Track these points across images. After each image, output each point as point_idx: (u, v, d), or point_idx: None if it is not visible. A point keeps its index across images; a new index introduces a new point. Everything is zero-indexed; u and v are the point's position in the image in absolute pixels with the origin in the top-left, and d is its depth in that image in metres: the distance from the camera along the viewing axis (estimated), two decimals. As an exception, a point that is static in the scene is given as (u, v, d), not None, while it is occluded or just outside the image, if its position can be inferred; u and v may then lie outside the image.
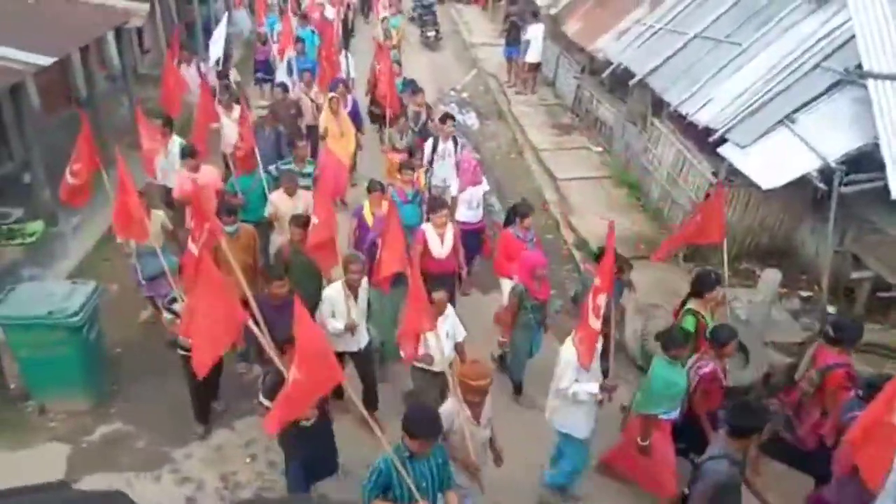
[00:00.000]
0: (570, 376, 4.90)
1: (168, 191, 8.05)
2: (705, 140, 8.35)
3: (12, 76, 7.42)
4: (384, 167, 9.56)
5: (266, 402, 4.56)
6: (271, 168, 8.04)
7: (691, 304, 5.67)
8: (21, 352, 6.03)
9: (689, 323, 5.54)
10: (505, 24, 16.88)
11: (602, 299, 4.74)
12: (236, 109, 9.23)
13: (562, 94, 14.79)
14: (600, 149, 12.23)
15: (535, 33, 14.52)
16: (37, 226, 8.71)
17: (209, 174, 7.71)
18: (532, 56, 14.76)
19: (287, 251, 6.34)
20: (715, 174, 8.33)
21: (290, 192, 7.16)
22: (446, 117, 8.83)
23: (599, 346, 4.96)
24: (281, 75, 12.24)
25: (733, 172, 8.01)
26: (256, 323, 4.24)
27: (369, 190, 7.04)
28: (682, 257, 8.67)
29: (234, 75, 11.60)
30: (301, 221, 6.28)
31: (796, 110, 7.48)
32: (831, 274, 7.44)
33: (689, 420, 5.14)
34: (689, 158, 8.88)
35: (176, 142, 8.28)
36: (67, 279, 7.41)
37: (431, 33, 19.85)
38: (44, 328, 5.83)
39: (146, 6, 10.44)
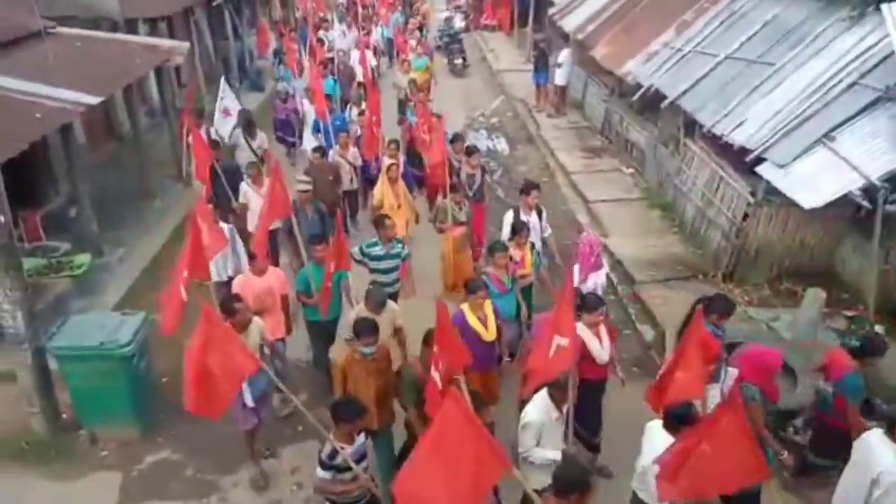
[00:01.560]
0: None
1: (227, 290, 6.35)
2: (741, 160, 8.32)
3: (64, 115, 7.72)
4: (445, 245, 7.45)
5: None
6: (354, 251, 6.84)
7: None
8: (74, 382, 6.19)
9: None
10: (534, 51, 17.06)
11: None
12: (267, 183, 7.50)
13: (591, 117, 14.85)
14: (631, 170, 12.23)
15: (564, 57, 14.69)
16: (84, 258, 8.95)
17: (275, 277, 6.50)
18: (560, 79, 14.91)
19: (420, 370, 5.22)
20: (753, 193, 8.28)
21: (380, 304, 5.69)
22: (530, 187, 7.49)
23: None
24: (309, 137, 11.09)
25: (771, 192, 7.97)
26: None
27: (470, 290, 5.67)
28: (722, 277, 8.59)
29: (260, 140, 10.19)
30: (429, 339, 5.02)
31: (835, 129, 7.42)
32: (877, 293, 7.31)
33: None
34: (725, 178, 8.84)
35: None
36: (114, 310, 7.62)
37: (459, 61, 20.14)
38: (96, 359, 5.99)
39: (186, 45, 10.79)
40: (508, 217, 7.29)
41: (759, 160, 7.92)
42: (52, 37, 8.86)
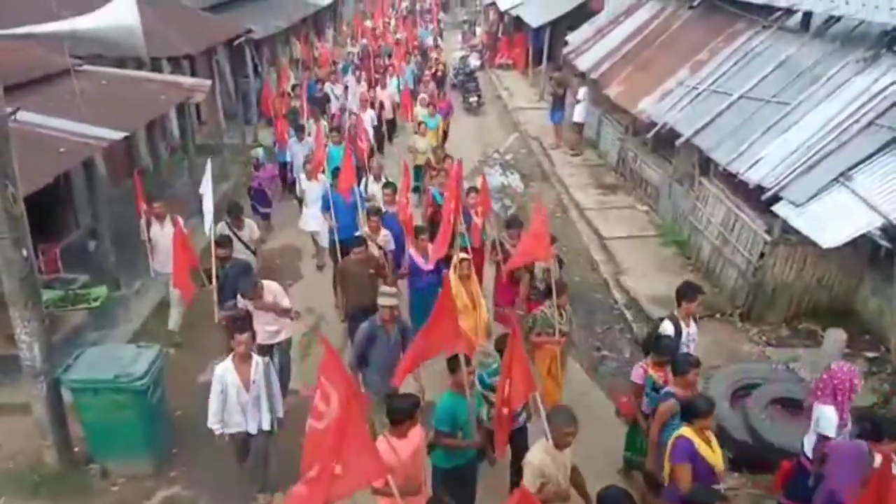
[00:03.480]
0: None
1: None
2: (757, 198, 8.31)
3: (87, 150, 7.90)
4: (540, 364, 6.49)
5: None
6: (479, 388, 5.43)
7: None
8: (87, 415, 6.17)
9: None
10: (551, 89, 17.24)
11: None
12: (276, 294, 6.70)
13: (605, 154, 14.94)
14: (646, 208, 12.24)
15: (583, 95, 14.87)
16: (101, 290, 9.02)
17: None
18: (579, 116, 15.07)
19: None
20: (769, 232, 8.25)
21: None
22: (694, 291, 6.08)
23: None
24: (312, 217, 9.76)
25: (788, 230, 7.93)
26: None
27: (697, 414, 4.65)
28: (739, 316, 8.51)
29: (249, 230, 8.50)
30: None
31: (851, 168, 7.41)
32: (899, 334, 7.21)
33: None
34: (741, 216, 8.81)
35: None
36: (129, 342, 7.67)
37: (474, 99, 20.42)
38: (110, 392, 5.99)
39: (208, 82, 11.05)
40: (667, 328, 5.97)
41: (775, 199, 7.90)
42: (80, 74, 9.09)
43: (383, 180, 9.76)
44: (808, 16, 10.23)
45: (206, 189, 7.87)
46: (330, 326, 8.53)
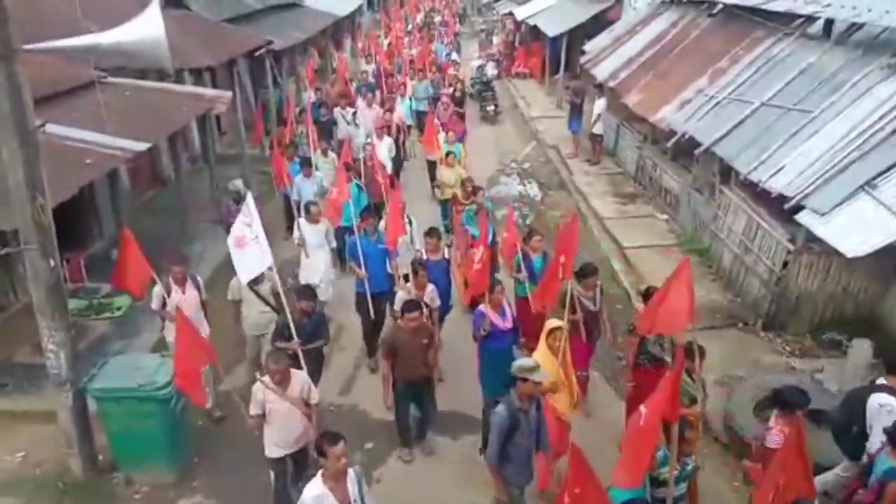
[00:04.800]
0: None
1: None
2: (779, 207, 8.23)
3: (112, 161, 8.01)
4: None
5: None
6: None
7: None
8: (111, 423, 6.23)
9: None
10: (567, 98, 17.22)
11: None
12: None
13: (623, 163, 14.88)
14: (666, 217, 12.16)
15: (601, 107, 14.83)
16: (123, 300, 9.12)
17: None
18: (598, 128, 15.04)
19: None
20: (792, 241, 8.16)
21: None
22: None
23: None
24: (314, 268, 8.56)
25: (811, 239, 7.84)
26: None
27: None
28: (762, 326, 8.41)
29: (271, 282, 7.00)
30: None
31: (876, 177, 7.33)
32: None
33: None
34: (763, 226, 8.73)
35: None
36: (152, 351, 7.74)
37: (491, 108, 20.44)
38: (134, 401, 6.04)
39: (229, 93, 11.16)
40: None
41: (798, 208, 7.82)
42: (104, 86, 9.23)
43: (408, 222, 8.69)
44: (829, 23, 10.13)
45: (255, 228, 6.00)
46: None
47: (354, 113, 13.97)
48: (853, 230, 7.04)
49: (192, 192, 12.15)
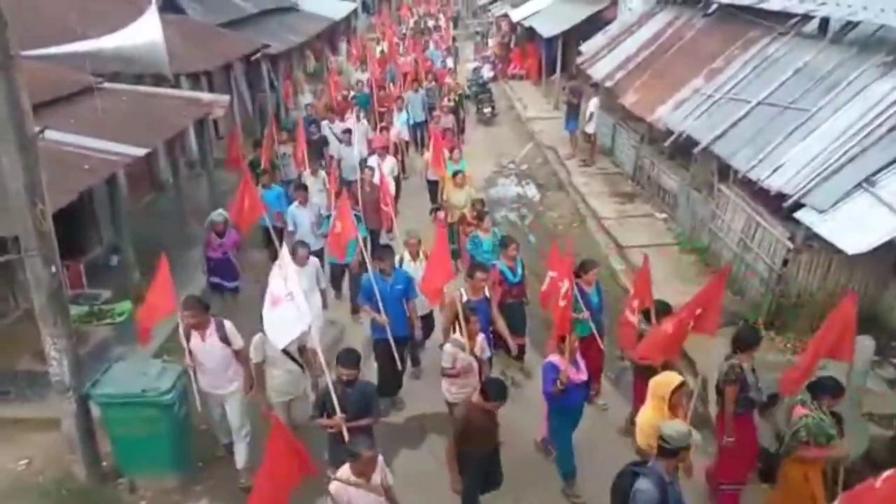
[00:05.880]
0: None
1: None
2: (778, 205, 8.25)
3: (111, 167, 8.01)
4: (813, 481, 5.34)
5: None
6: None
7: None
8: (115, 429, 6.23)
9: None
10: (564, 98, 17.24)
11: None
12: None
13: (621, 163, 14.91)
14: (664, 216, 12.19)
15: (594, 106, 14.87)
16: (125, 306, 9.12)
17: None
18: (591, 127, 15.06)
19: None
20: (791, 239, 8.18)
21: None
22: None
23: None
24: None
25: (811, 237, 7.86)
26: None
27: None
28: (763, 324, 8.41)
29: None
30: None
31: (874, 173, 7.35)
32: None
33: None
34: (762, 224, 8.75)
35: None
36: (153, 357, 7.72)
37: (487, 109, 20.48)
38: (137, 406, 6.04)
39: (227, 97, 11.17)
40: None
41: (797, 205, 7.84)
42: (102, 92, 9.23)
43: (422, 259, 7.77)
44: (825, 21, 10.16)
45: (291, 282, 5.31)
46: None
47: (347, 131, 12.76)
48: (853, 227, 7.06)
49: (191, 198, 12.14)
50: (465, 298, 6.68)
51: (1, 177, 5.45)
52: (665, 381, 5.24)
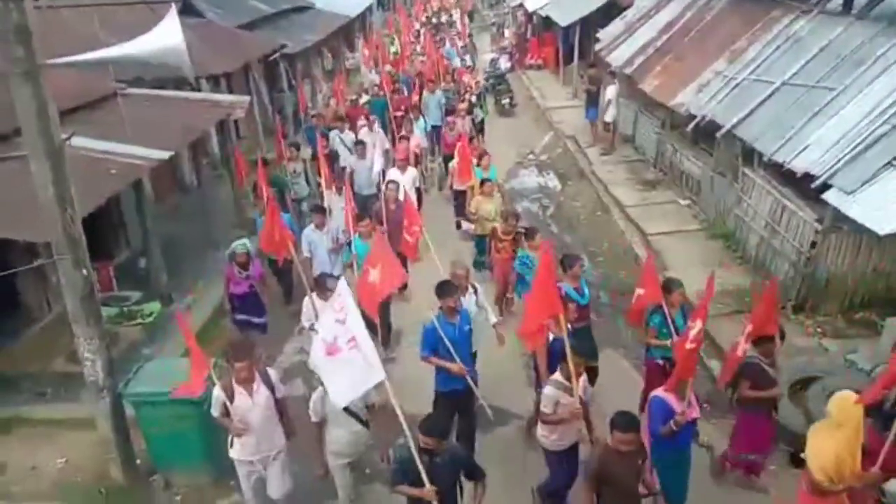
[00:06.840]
0: None
1: None
2: (805, 187, 8.12)
3: (137, 171, 8.14)
4: None
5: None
6: None
7: None
8: (149, 427, 6.36)
9: None
10: (583, 86, 17.08)
11: None
12: None
13: (643, 149, 14.75)
14: (688, 202, 12.05)
15: (612, 94, 14.71)
16: (153, 306, 9.27)
17: None
18: (610, 115, 14.92)
19: None
20: (819, 221, 8.05)
21: None
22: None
23: None
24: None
25: (839, 218, 7.72)
26: None
27: None
28: (792, 308, 8.31)
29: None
30: None
31: (905, 152, 7.19)
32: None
33: None
34: (789, 206, 8.61)
35: None
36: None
37: (506, 100, 20.39)
38: (170, 404, 6.15)
39: (247, 99, 11.28)
40: None
41: (825, 186, 7.70)
42: (125, 97, 9.38)
43: (473, 295, 6.63)
44: (849, -2, 9.97)
45: (352, 324, 4.50)
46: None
47: (360, 142, 11.53)
48: (883, 207, 6.92)
49: (214, 199, 12.29)
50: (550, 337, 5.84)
51: (31, 184, 5.57)
52: (849, 403, 4.30)
